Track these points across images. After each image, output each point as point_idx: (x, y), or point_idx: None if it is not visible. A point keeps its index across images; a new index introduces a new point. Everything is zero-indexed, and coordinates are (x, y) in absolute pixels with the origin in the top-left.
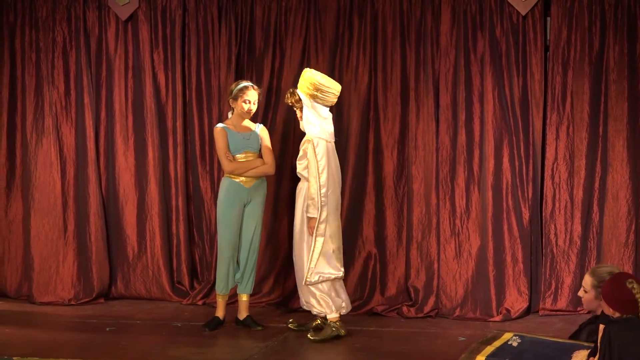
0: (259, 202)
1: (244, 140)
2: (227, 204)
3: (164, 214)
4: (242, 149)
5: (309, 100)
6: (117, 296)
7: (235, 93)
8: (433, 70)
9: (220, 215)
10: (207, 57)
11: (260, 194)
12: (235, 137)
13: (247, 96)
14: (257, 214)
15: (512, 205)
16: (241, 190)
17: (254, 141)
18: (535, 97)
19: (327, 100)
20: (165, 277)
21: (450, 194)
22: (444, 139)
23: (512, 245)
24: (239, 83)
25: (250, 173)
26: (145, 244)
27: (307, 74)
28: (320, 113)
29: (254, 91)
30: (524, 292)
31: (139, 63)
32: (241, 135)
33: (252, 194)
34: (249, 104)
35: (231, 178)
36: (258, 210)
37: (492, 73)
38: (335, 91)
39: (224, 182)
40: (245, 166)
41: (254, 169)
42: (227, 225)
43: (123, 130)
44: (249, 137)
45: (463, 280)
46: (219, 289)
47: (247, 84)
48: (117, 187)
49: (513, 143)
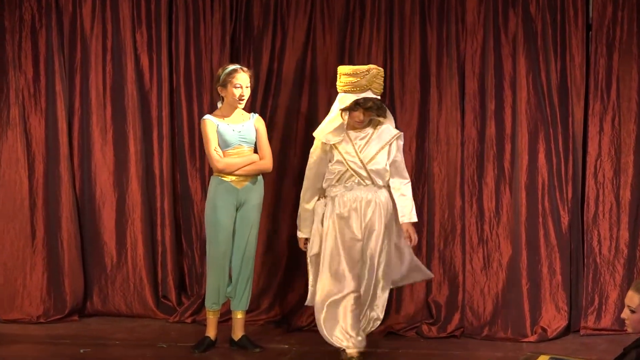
0: (254, 205)
1: (237, 134)
2: (217, 207)
3: (148, 217)
4: (234, 144)
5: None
6: (93, 313)
7: (223, 79)
8: (458, 52)
9: (209, 219)
10: (198, 37)
11: (255, 195)
12: (226, 130)
13: (237, 80)
14: (251, 217)
15: (549, 208)
16: (232, 191)
17: (248, 134)
18: (575, 83)
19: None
20: (148, 290)
21: (478, 195)
22: (470, 131)
23: (549, 254)
24: (226, 67)
25: (244, 171)
26: (126, 252)
27: (374, 70)
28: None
29: (244, 74)
30: (562, 308)
31: (119, 44)
32: (233, 127)
33: (246, 195)
34: (240, 88)
35: (221, 177)
36: (253, 214)
37: (526, 56)
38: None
39: (212, 182)
40: (238, 163)
41: (248, 166)
42: (217, 232)
43: (100, 122)
44: (242, 130)
45: (492, 295)
46: (209, 304)
47: (235, 66)
48: (94, 187)
49: (550, 136)
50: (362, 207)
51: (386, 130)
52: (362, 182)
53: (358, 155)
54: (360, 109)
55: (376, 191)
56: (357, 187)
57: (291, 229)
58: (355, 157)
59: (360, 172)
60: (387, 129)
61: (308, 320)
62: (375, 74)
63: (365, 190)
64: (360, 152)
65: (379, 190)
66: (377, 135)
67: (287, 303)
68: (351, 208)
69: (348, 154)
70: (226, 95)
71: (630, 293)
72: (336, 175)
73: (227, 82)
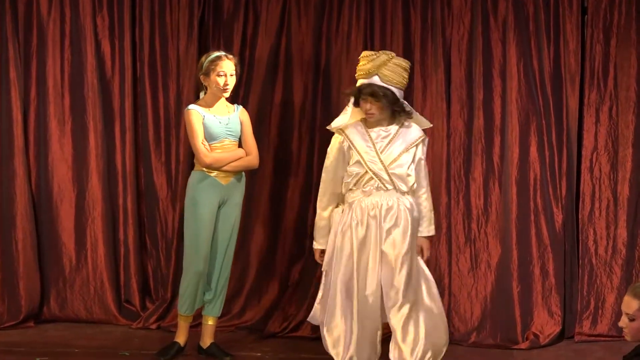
0: (237, 203)
1: (223, 126)
2: (199, 204)
3: (109, 215)
4: (220, 137)
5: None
6: (50, 318)
7: (206, 67)
8: (443, 38)
9: (189, 217)
10: (163, 22)
11: (238, 193)
12: (213, 122)
13: (221, 68)
14: (233, 217)
15: (541, 205)
16: (216, 187)
17: (234, 127)
18: (570, 71)
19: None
20: (110, 294)
21: (465, 192)
22: (456, 123)
23: (541, 254)
24: (210, 54)
25: (231, 167)
26: (86, 253)
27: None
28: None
29: (228, 61)
30: (555, 312)
31: (78, 29)
32: (219, 119)
33: (229, 193)
34: (225, 77)
35: (205, 172)
36: (235, 213)
37: (517, 41)
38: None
39: (195, 177)
40: (226, 158)
41: (236, 162)
42: (199, 230)
43: (58, 113)
44: (228, 122)
45: (480, 299)
46: (184, 309)
47: (219, 53)
48: (51, 182)
49: (542, 128)
50: (382, 214)
51: (414, 130)
52: (383, 187)
53: (379, 156)
54: (369, 98)
55: (399, 197)
56: (377, 192)
57: (264, 227)
58: (375, 158)
59: (381, 175)
60: (415, 129)
61: (282, 325)
62: (384, 60)
63: (387, 196)
64: (382, 153)
65: (402, 197)
66: (403, 134)
67: (260, 307)
68: (369, 216)
69: (367, 154)
70: (209, 84)
71: (627, 298)
72: (354, 178)
73: (210, 70)
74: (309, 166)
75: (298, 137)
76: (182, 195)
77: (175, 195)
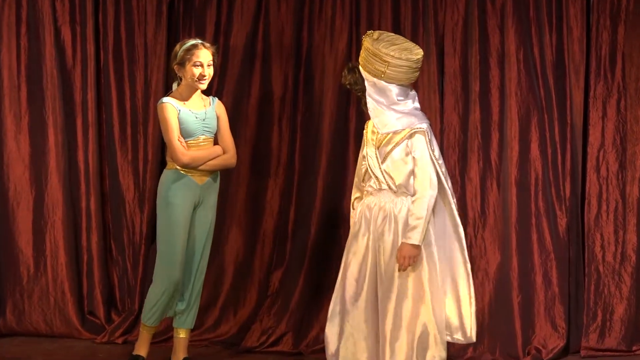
0: (212, 205)
1: (199, 122)
2: (173, 205)
3: (70, 219)
4: (196, 133)
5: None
6: (6, 332)
7: (181, 56)
8: (436, 24)
9: (162, 220)
10: (129, 7)
11: (213, 194)
12: (188, 118)
13: (197, 57)
14: (209, 219)
15: (543, 208)
16: (192, 187)
17: (211, 122)
18: (574, 60)
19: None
20: (72, 306)
21: (460, 193)
22: (450, 117)
23: (543, 262)
24: (185, 42)
25: (208, 166)
26: (45, 261)
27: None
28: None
29: (205, 50)
30: (560, 325)
31: (36, 14)
32: (196, 114)
33: (205, 194)
34: (201, 67)
35: (179, 171)
36: (210, 215)
37: (516, 28)
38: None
39: (168, 177)
40: (204, 157)
41: (213, 161)
42: (174, 234)
43: (14, 106)
44: (205, 117)
45: (477, 310)
46: (150, 320)
47: (195, 41)
48: (6, 183)
49: (545, 123)
50: (372, 215)
51: (413, 121)
52: (379, 186)
53: (376, 151)
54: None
55: (393, 199)
56: (375, 192)
57: (240, 230)
58: (373, 153)
59: (376, 172)
60: (405, 121)
61: (260, 339)
62: (363, 43)
63: (381, 197)
64: (379, 147)
65: (397, 199)
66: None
67: (237, 319)
68: (367, 220)
69: (369, 148)
70: (184, 75)
71: None
72: (362, 175)
73: (186, 60)
74: (290, 164)
75: (278, 133)
76: (151, 197)
77: (143, 198)
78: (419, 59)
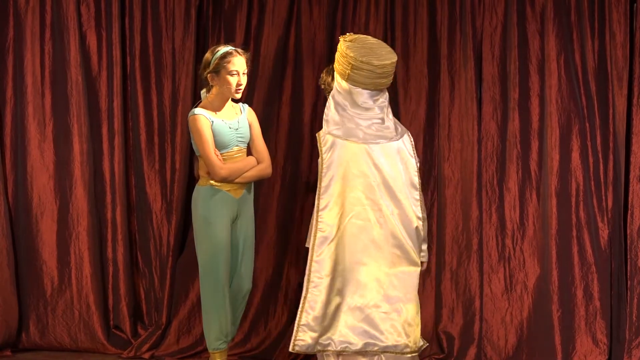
0: (250, 216)
1: (232, 132)
2: (212, 224)
3: (96, 230)
4: (230, 145)
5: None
6: (29, 347)
7: (215, 64)
8: (474, 30)
9: (203, 240)
10: (157, 11)
11: (249, 205)
12: (222, 129)
13: (233, 66)
14: (250, 231)
15: (584, 219)
16: (229, 202)
17: (244, 132)
18: (617, 66)
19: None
20: (97, 319)
21: (498, 203)
22: (488, 125)
23: (584, 275)
24: (217, 49)
25: (244, 178)
26: (69, 273)
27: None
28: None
29: (241, 58)
30: (601, 340)
31: (60, 19)
32: (229, 124)
33: (242, 207)
34: (237, 76)
35: (214, 186)
36: (251, 227)
37: (557, 33)
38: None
39: (203, 193)
40: (241, 169)
41: (249, 172)
42: (217, 254)
43: (38, 114)
44: (238, 127)
45: (516, 324)
46: (216, 345)
47: (228, 48)
48: (30, 193)
49: (586, 131)
50: None
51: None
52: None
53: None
54: None
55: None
56: None
57: (271, 242)
58: None
59: None
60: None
61: (292, 355)
62: (339, 44)
63: None
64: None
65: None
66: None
67: (267, 333)
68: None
69: None
70: (219, 84)
71: None
72: None
73: (221, 69)
74: None
75: (310, 142)
76: (179, 207)
77: (171, 208)
78: (384, 64)
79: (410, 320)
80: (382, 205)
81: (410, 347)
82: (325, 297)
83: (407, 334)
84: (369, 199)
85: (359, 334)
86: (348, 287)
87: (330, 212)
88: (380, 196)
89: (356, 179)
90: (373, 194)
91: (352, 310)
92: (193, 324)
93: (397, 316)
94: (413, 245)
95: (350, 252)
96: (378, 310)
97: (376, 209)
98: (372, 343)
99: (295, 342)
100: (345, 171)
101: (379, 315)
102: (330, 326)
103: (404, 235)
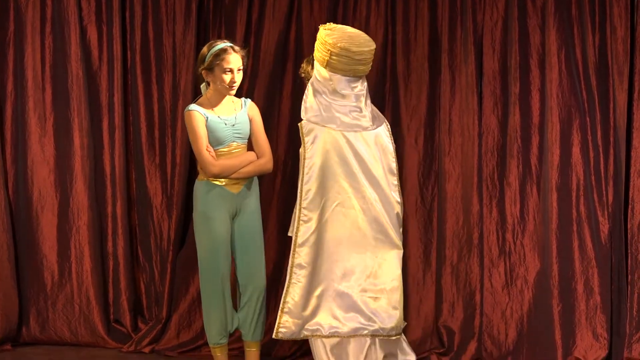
0: (253, 211)
1: (230, 128)
2: (210, 219)
3: (96, 224)
4: (226, 141)
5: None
6: (30, 341)
7: (210, 60)
8: (474, 24)
9: (202, 235)
10: (157, 5)
11: (252, 200)
12: (217, 125)
13: (227, 63)
14: (253, 226)
15: (585, 214)
16: (227, 197)
17: (242, 127)
18: (617, 61)
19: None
20: (97, 314)
21: (499, 198)
22: (489, 120)
23: (585, 269)
24: (213, 44)
25: (241, 173)
26: (70, 267)
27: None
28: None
29: (236, 55)
30: (601, 335)
31: (61, 13)
32: (225, 120)
33: (242, 202)
34: (231, 73)
35: (211, 182)
36: (254, 222)
37: (558, 28)
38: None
39: (200, 189)
40: (235, 165)
41: (246, 168)
42: (216, 249)
43: (38, 108)
44: (235, 122)
45: (516, 319)
46: (216, 340)
47: (224, 44)
48: (30, 187)
49: (587, 126)
50: None
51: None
52: None
53: None
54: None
55: None
56: None
57: (273, 236)
58: None
59: None
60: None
61: (292, 349)
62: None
63: None
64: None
65: None
66: None
67: (268, 328)
68: None
69: None
70: (213, 80)
71: None
72: None
73: (215, 66)
74: None
75: None
76: (179, 202)
77: (171, 202)
78: (362, 50)
79: (396, 303)
80: (365, 192)
81: (396, 329)
82: (308, 284)
83: (394, 317)
84: (352, 187)
85: (348, 319)
86: (334, 273)
87: (314, 200)
88: (363, 183)
89: (338, 167)
90: (356, 182)
91: (340, 296)
92: (193, 318)
93: (384, 300)
94: (395, 230)
95: (335, 239)
96: (365, 294)
97: (359, 196)
98: (361, 327)
99: (279, 329)
100: (328, 160)
101: (366, 300)
102: (317, 312)
103: (387, 221)
